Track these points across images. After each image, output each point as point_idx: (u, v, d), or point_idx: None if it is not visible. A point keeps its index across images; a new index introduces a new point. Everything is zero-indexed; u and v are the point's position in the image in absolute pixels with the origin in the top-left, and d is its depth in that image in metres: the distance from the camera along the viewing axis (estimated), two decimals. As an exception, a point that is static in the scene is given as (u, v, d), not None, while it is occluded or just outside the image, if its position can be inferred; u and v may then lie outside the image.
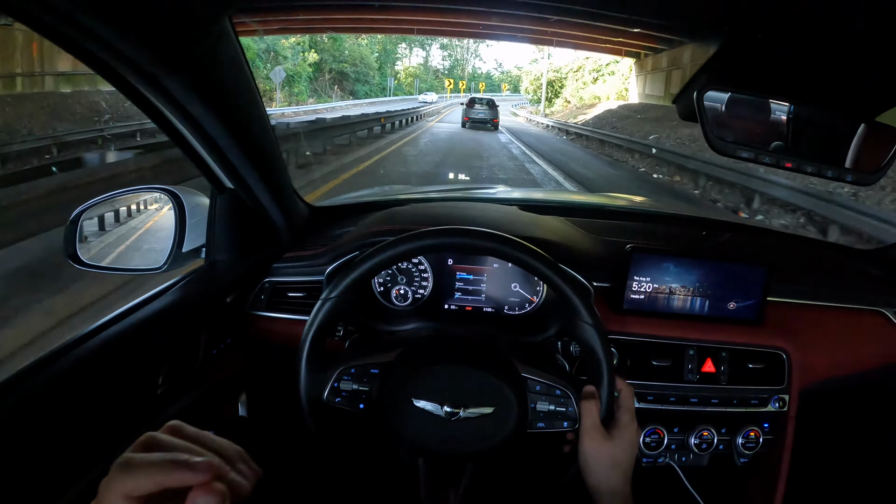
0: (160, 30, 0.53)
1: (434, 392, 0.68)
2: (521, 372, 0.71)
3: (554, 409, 0.71)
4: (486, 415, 0.68)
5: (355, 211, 1.17)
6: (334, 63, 40.83)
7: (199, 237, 1.00)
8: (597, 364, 0.71)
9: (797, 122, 0.84)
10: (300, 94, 34.28)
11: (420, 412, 0.68)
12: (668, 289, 0.95)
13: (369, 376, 0.71)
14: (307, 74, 36.58)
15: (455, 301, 1.00)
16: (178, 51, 0.57)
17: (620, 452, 0.69)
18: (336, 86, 39.59)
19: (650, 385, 0.93)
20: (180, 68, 0.59)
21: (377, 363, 0.72)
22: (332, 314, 0.70)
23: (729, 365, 0.96)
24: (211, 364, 0.90)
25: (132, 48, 0.54)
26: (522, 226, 1.03)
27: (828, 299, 1.13)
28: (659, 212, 1.47)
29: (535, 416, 0.71)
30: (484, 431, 0.68)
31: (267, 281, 0.97)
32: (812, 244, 1.57)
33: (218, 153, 0.78)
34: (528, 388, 0.70)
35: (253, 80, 0.76)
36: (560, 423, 0.71)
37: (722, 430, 0.97)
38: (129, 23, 0.50)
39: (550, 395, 0.71)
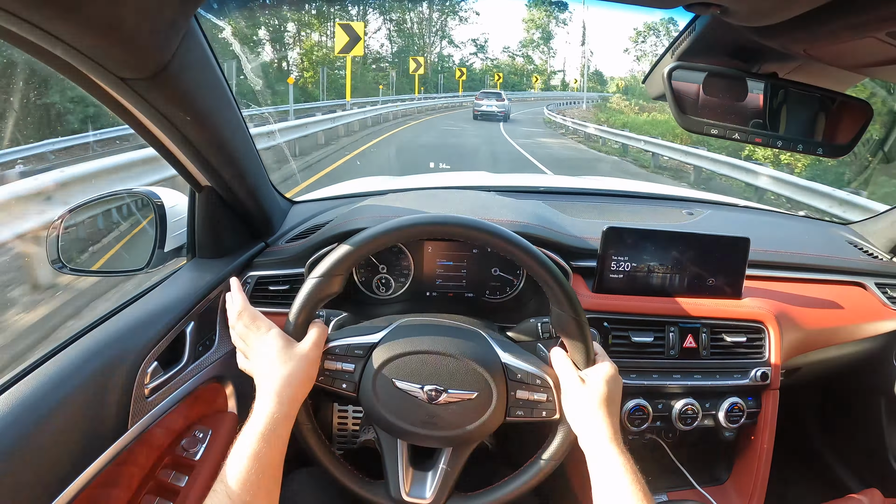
0: (124, 32, 0.53)
1: (417, 375, 0.70)
2: (502, 359, 0.72)
3: (535, 397, 0.71)
4: (467, 399, 0.69)
5: (335, 203, 1.17)
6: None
7: (182, 236, 1.00)
8: (573, 326, 0.71)
9: (768, 98, 0.84)
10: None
11: (402, 394, 0.70)
12: (646, 267, 0.96)
13: (353, 356, 0.72)
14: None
15: (437, 288, 1.01)
16: (145, 53, 0.57)
17: (603, 386, 0.68)
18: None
19: (632, 362, 0.95)
20: (148, 70, 0.59)
21: (361, 344, 0.73)
22: (318, 293, 0.70)
23: (710, 339, 0.97)
24: (198, 361, 0.91)
25: (98, 52, 0.54)
26: (498, 210, 1.03)
27: (807, 272, 1.14)
28: (639, 192, 1.47)
29: (515, 403, 0.71)
30: (464, 416, 0.69)
31: (249, 275, 0.98)
32: (791, 218, 1.58)
33: (193, 151, 0.78)
34: (509, 375, 0.71)
35: (224, 78, 0.76)
36: (539, 411, 0.71)
37: (706, 405, 0.98)
38: (93, 26, 0.50)
39: (531, 383, 0.71)
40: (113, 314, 0.85)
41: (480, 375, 0.70)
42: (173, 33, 0.59)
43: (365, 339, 0.73)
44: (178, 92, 0.66)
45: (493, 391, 0.69)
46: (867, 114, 0.81)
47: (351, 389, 0.72)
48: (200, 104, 0.71)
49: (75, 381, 0.71)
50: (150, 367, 0.80)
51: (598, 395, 0.67)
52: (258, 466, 0.59)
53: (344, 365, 0.72)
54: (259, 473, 0.59)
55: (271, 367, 0.65)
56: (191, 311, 0.88)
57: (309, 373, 0.68)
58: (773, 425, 1.01)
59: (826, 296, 1.14)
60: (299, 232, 1.05)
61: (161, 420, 0.82)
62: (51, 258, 0.94)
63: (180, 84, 0.65)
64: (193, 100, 0.69)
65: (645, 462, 1.04)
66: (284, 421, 0.64)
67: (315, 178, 7.13)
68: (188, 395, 0.88)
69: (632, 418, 0.94)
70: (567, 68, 51.16)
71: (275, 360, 0.66)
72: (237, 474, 0.58)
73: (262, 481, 0.59)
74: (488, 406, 0.69)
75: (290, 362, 0.66)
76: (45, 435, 0.66)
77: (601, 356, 0.73)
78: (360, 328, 0.77)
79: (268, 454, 0.60)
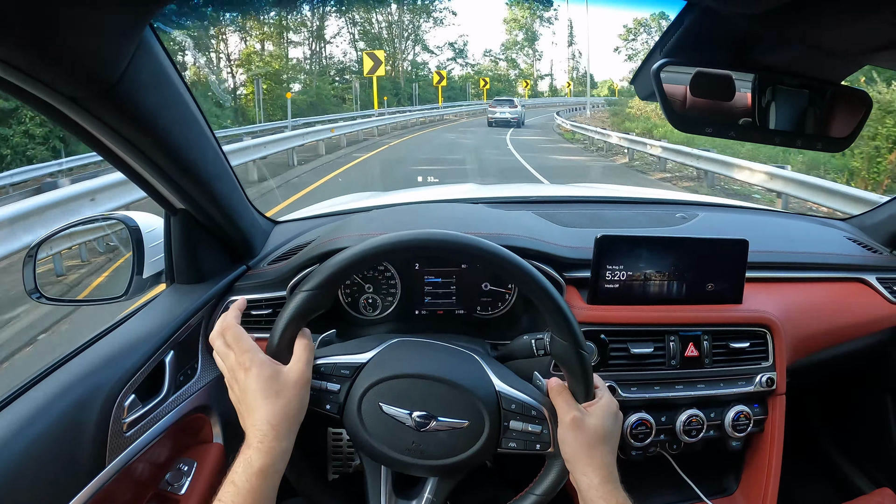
0: (67, 49, 0.49)
1: (405, 399, 0.66)
2: (496, 387, 0.68)
3: (530, 429, 0.67)
4: (458, 428, 0.65)
5: (320, 222, 1.14)
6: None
7: (161, 261, 0.97)
8: (573, 359, 0.67)
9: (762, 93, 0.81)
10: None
11: (388, 419, 0.65)
12: (642, 275, 0.92)
13: (339, 376, 0.68)
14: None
15: (426, 306, 0.98)
16: (92, 69, 0.53)
17: (602, 424, 0.65)
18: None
19: (632, 374, 0.91)
20: (98, 88, 0.56)
21: (348, 364, 0.69)
22: (305, 307, 0.65)
23: (711, 346, 0.94)
24: (180, 391, 0.87)
25: (41, 71, 0.51)
26: (488, 224, 1.00)
27: (807, 271, 1.11)
28: (629, 197, 1.44)
29: (508, 434, 0.66)
30: (453, 445, 0.65)
31: (230, 300, 0.94)
32: (787, 217, 1.55)
33: (160, 173, 0.74)
34: (504, 404, 0.67)
35: (189, 93, 0.73)
36: (533, 444, 0.67)
37: (711, 414, 0.94)
38: (31, 43, 0.46)
39: (526, 414, 0.67)
40: (86, 346, 0.82)
41: (473, 403, 0.65)
42: (122, 47, 0.55)
43: (352, 359, 0.69)
44: (134, 110, 0.62)
45: (485, 420, 0.65)
46: (866, 104, 0.78)
47: (335, 411, 0.67)
48: (161, 122, 0.67)
49: (47, 419, 0.68)
50: (126, 401, 0.76)
51: (596, 432, 0.64)
52: (254, 503, 0.56)
53: (329, 385, 0.67)
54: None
55: (265, 401, 0.61)
56: (169, 339, 0.85)
57: (303, 401, 0.64)
58: (781, 432, 0.97)
59: (828, 294, 1.11)
60: (281, 253, 1.02)
61: (141, 455, 0.78)
62: (28, 288, 0.91)
63: (135, 101, 0.61)
64: (153, 118, 0.65)
65: (650, 476, 1.02)
66: (283, 456, 0.60)
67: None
68: (170, 427, 0.84)
69: (634, 433, 0.91)
70: (555, 71, 49.27)
71: (267, 394, 0.61)
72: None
73: None
74: (479, 436, 0.65)
75: (283, 393, 0.61)
76: (17, 477, 0.63)
77: (601, 390, 0.69)
78: (347, 345, 0.73)
79: (266, 490, 0.57)
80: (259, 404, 0.60)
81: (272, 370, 0.62)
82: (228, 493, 0.56)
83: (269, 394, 0.61)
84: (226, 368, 0.65)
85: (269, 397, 0.60)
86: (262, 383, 0.61)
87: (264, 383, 0.61)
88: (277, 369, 0.62)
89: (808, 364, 1.09)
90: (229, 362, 0.64)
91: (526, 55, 46.37)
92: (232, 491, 0.56)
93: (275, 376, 0.62)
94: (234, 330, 0.65)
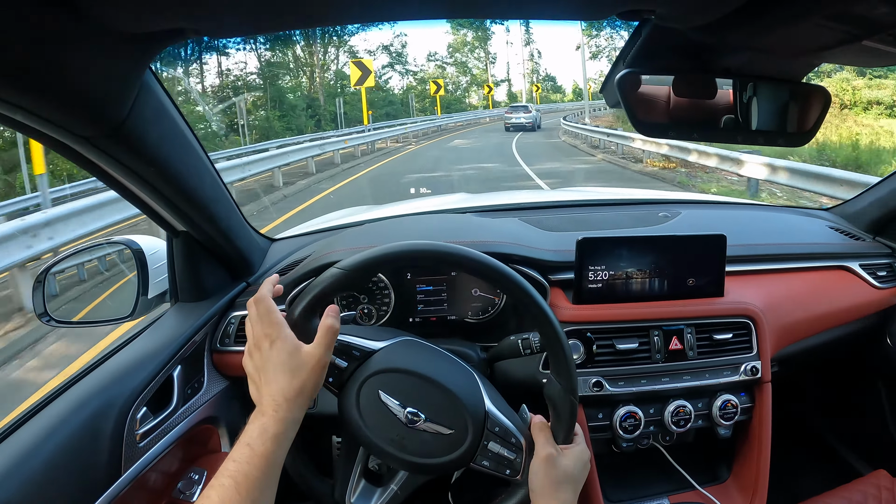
0: (78, 94, 0.55)
1: (403, 394, 0.70)
2: (486, 406, 0.71)
3: (505, 454, 0.70)
4: (441, 434, 0.69)
5: (314, 238, 1.18)
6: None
7: (165, 281, 1.02)
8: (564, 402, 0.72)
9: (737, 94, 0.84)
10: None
11: (382, 407, 0.69)
12: (624, 274, 0.96)
13: (349, 355, 0.72)
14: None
15: (419, 314, 1.02)
16: (101, 112, 0.59)
17: (573, 467, 0.70)
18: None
19: (619, 369, 0.95)
20: (107, 127, 0.61)
21: (361, 346, 0.73)
22: (334, 285, 0.68)
23: (695, 339, 0.97)
24: (188, 404, 0.92)
25: (56, 115, 0.56)
26: (475, 232, 1.04)
27: (790, 262, 1.14)
28: (613, 199, 1.48)
29: (484, 453, 0.70)
30: (433, 448, 0.69)
31: (232, 316, 0.99)
32: (768, 209, 1.58)
33: (163, 199, 0.80)
34: (488, 424, 0.71)
35: (187, 124, 0.78)
36: (504, 468, 0.70)
37: (698, 405, 0.98)
38: (45, 91, 0.52)
39: (505, 438, 0.71)
40: (98, 364, 0.87)
41: (462, 416, 0.69)
42: (127, 90, 0.61)
43: (367, 343, 0.73)
44: (139, 144, 0.67)
45: (468, 434, 0.69)
46: (825, 99, 0.81)
47: (336, 385, 0.72)
48: (163, 154, 0.72)
49: (66, 432, 0.73)
50: (139, 413, 0.81)
51: (566, 473, 0.69)
52: (267, 466, 0.59)
53: (338, 360, 0.71)
54: (269, 474, 0.59)
55: (283, 375, 0.64)
56: (176, 354, 0.90)
57: (318, 381, 0.67)
58: (769, 419, 1.00)
59: (811, 283, 1.14)
60: (279, 269, 1.06)
61: (155, 464, 0.83)
62: (37, 312, 0.96)
63: (141, 137, 0.67)
64: (156, 150, 0.71)
65: (644, 467, 1.05)
66: (294, 425, 0.63)
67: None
68: (180, 437, 0.89)
69: (623, 426, 0.94)
70: (512, 76, 42.99)
71: (286, 369, 0.64)
72: (248, 471, 0.57)
73: (270, 481, 0.59)
74: (458, 447, 0.69)
75: (300, 372, 0.64)
76: (41, 485, 0.67)
77: (579, 437, 0.74)
78: (364, 330, 0.77)
79: (278, 455, 0.60)
80: (278, 378, 0.63)
81: (294, 346, 0.65)
82: (244, 454, 0.58)
83: (288, 369, 0.64)
84: (252, 335, 0.68)
85: (287, 373, 0.63)
86: (284, 357, 0.64)
87: (286, 357, 0.64)
88: (299, 346, 0.65)
89: (796, 352, 1.11)
90: (257, 331, 0.67)
91: (478, 58, 40.25)
92: (247, 453, 0.58)
93: (296, 353, 0.65)
94: (266, 303, 0.68)
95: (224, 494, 0.55)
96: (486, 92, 36.25)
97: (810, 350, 1.15)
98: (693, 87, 0.85)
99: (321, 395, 0.99)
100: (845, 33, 0.60)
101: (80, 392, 0.79)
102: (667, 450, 1.01)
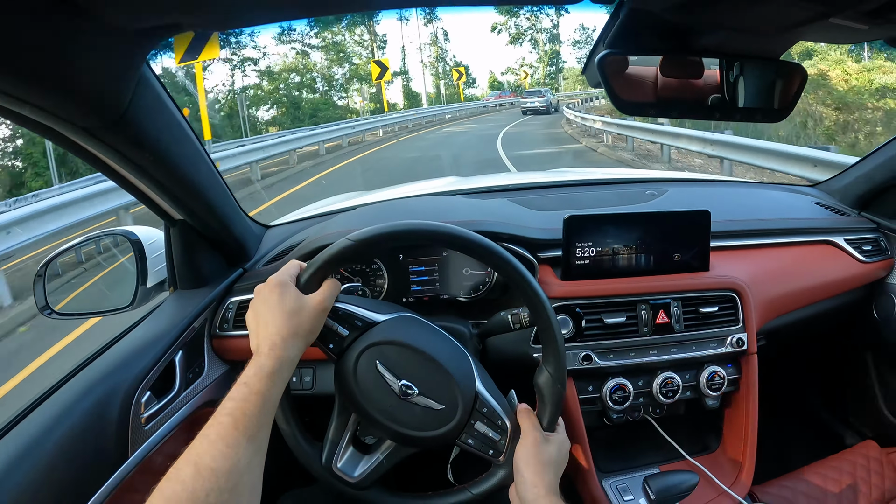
0: (81, 87, 0.57)
1: (399, 367, 0.72)
2: (476, 387, 0.74)
3: (490, 434, 0.74)
4: (432, 409, 0.72)
5: (308, 224, 1.21)
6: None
7: (164, 270, 1.04)
8: (551, 390, 0.75)
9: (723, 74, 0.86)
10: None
11: (378, 378, 0.72)
12: (611, 250, 0.98)
13: (352, 325, 0.74)
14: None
15: (412, 294, 1.04)
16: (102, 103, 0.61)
17: (556, 452, 0.74)
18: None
19: (608, 343, 0.97)
20: (107, 118, 0.64)
21: (364, 317, 0.75)
22: (342, 255, 0.71)
23: (682, 313, 0.99)
24: (190, 388, 0.95)
25: (60, 108, 0.59)
26: (465, 212, 1.06)
27: (775, 237, 1.16)
28: (602, 178, 1.50)
29: (470, 432, 0.73)
30: (422, 421, 0.72)
31: (231, 301, 1.01)
32: (755, 186, 1.60)
33: (161, 188, 0.82)
34: (477, 405, 0.74)
35: (182, 115, 0.80)
36: (487, 448, 0.74)
37: (686, 376, 1.00)
38: (51, 86, 0.55)
39: (493, 420, 0.74)
40: (102, 351, 0.89)
41: (454, 393, 0.72)
42: (126, 82, 0.63)
43: (369, 314, 0.75)
44: (138, 135, 0.70)
45: (458, 412, 0.72)
46: (802, 76, 0.83)
47: (335, 352, 0.74)
48: (161, 144, 0.75)
49: (74, 418, 0.76)
50: (143, 397, 0.84)
51: (550, 456, 0.73)
52: (263, 404, 0.60)
53: (340, 328, 0.74)
54: (265, 411, 0.60)
55: (280, 316, 0.66)
56: (177, 340, 0.92)
57: (314, 325, 0.69)
58: (756, 389, 1.03)
59: (797, 257, 1.16)
60: (275, 254, 1.09)
61: (160, 446, 0.86)
62: (39, 306, 0.98)
63: (139, 127, 0.69)
64: (155, 140, 0.73)
65: (636, 440, 1.08)
66: (290, 363, 0.65)
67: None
68: (184, 420, 0.91)
69: (613, 398, 0.97)
70: (410, 66, 30.96)
71: (283, 310, 0.67)
72: (245, 408, 0.58)
73: (266, 419, 0.60)
74: (447, 423, 0.72)
75: (299, 314, 0.67)
76: (51, 470, 0.70)
77: (561, 427, 0.79)
78: (367, 302, 0.79)
79: (273, 393, 0.62)
80: (274, 319, 0.66)
81: (296, 293, 0.69)
82: (241, 392, 0.60)
83: (286, 310, 0.67)
84: (259, 291, 0.71)
85: (284, 314, 0.67)
86: (283, 300, 0.68)
87: (287, 301, 0.68)
88: (300, 294, 0.69)
89: (784, 325, 1.14)
90: (265, 288, 0.70)
91: (359, 40, 28.31)
92: (244, 391, 0.60)
93: (297, 298, 0.69)
94: (293, 262, 0.74)
95: (222, 431, 0.56)
96: (374, 78, 22.02)
97: (798, 323, 1.18)
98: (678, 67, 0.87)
99: (320, 376, 1.03)
100: (812, 11, 0.62)
101: (85, 379, 0.82)
102: (657, 422, 1.04)
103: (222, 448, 0.55)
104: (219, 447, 0.55)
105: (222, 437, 0.55)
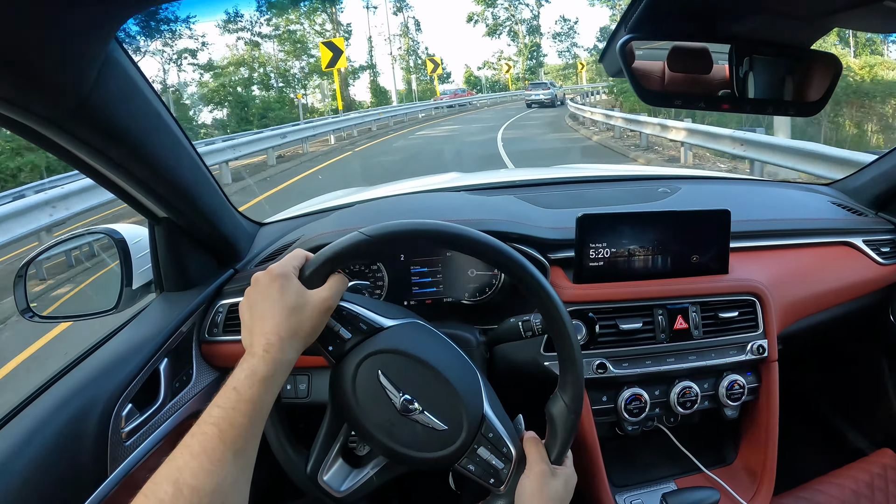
0: (34, 69, 0.50)
1: (403, 379, 0.65)
2: (484, 409, 0.67)
3: (493, 462, 0.66)
4: (434, 429, 0.65)
5: (304, 221, 1.14)
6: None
7: (149, 271, 0.98)
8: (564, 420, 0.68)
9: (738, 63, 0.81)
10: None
11: (378, 389, 0.65)
12: (626, 251, 0.93)
13: (356, 328, 0.66)
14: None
15: (414, 296, 0.98)
16: (60, 88, 0.54)
17: (563, 488, 0.67)
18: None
19: (623, 350, 0.92)
20: (68, 105, 0.57)
21: (370, 320, 0.67)
22: (352, 249, 0.63)
23: (701, 318, 0.94)
24: (177, 398, 0.88)
25: (12, 92, 0.52)
26: (470, 210, 1.01)
27: (793, 237, 1.11)
28: (610, 175, 1.45)
29: (472, 458, 0.66)
30: (421, 442, 0.65)
31: (220, 304, 0.95)
32: (769, 185, 1.55)
33: (138, 183, 0.75)
34: (483, 429, 0.66)
35: (161, 102, 0.73)
36: (488, 476, 0.66)
37: (704, 385, 0.95)
38: (2, 66, 0.48)
39: (497, 447, 0.66)
40: (80, 360, 0.83)
41: (459, 414, 0.65)
42: (88, 64, 0.56)
43: (375, 318, 0.67)
44: (105, 123, 0.63)
45: (461, 434, 0.65)
46: (836, 67, 0.78)
47: (334, 355, 0.66)
48: (134, 133, 0.67)
49: (46, 435, 0.69)
50: (124, 411, 0.78)
51: (556, 492, 0.66)
52: (254, 413, 0.54)
53: (342, 330, 0.66)
54: (255, 421, 0.54)
55: (280, 311, 0.59)
56: (162, 347, 0.86)
57: (316, 325, 0.62)
58: (776, 399, 0.98)
59: (815, 259, 1.12)
60: (268, 254, 1.02)
61: (143, 462, 0.80)
62: (20, 307, 0.92)
63: (107, 114, 0.62)
64: (125, 129, 0.66)
65: (650, 450, 1.03)
66: (285, 367, 0.59)
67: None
68: (169, 433, 0.85)
69: (629, 408, 0.91)
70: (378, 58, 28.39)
71: (284, 305, 0.59)
72: (233, 417, 0.52)
73: (255, 429, 0.54)
74: (448, 445, 0.65)
75: (300, 311, 0.60)
76: (22, 491, 0.64)
77: (569, 460, 0.71)
78: (374, 303, 0.71)
79: (265, 400, 0.56)
80: (273, 314, 0.59)
81: (299, 287, 0.61)
82: (230, 399, 0.54)
83: (286, 306, 0.59)
84: (256, 279, 0.63)
85: (285, 309, 0.59)
86: (284, 293, 0.60)
87: (288, 296, 0.60)
88: (303, 289, 0.61)
89: (800, 329, 1.09)
90: (265, 277, 0.62)
91: (320, 30, 25.49)
92: (233, 397, 0.54)
93: (300, 293, 0.61)
94: (297, 252, 0.66)
95: (207, 444, 0.50)
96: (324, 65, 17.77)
97: (814, 328, 1.13)
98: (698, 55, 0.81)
99: (316, 384, 0.96)
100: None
101: (61, 392, 0.75)
102: (671, 431, 0.99)
103: (206, 464, 0.49)
104: (202, 462, 0.49)
105: (206, 451, 0.49)
